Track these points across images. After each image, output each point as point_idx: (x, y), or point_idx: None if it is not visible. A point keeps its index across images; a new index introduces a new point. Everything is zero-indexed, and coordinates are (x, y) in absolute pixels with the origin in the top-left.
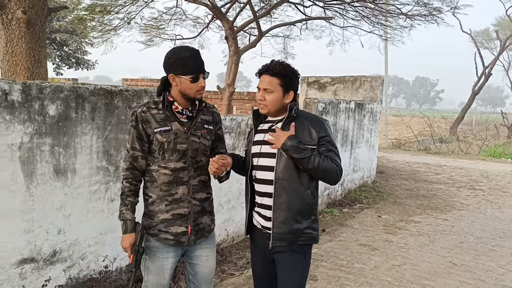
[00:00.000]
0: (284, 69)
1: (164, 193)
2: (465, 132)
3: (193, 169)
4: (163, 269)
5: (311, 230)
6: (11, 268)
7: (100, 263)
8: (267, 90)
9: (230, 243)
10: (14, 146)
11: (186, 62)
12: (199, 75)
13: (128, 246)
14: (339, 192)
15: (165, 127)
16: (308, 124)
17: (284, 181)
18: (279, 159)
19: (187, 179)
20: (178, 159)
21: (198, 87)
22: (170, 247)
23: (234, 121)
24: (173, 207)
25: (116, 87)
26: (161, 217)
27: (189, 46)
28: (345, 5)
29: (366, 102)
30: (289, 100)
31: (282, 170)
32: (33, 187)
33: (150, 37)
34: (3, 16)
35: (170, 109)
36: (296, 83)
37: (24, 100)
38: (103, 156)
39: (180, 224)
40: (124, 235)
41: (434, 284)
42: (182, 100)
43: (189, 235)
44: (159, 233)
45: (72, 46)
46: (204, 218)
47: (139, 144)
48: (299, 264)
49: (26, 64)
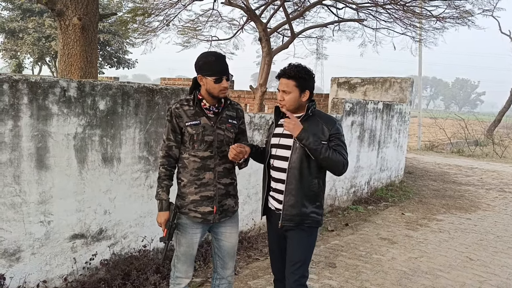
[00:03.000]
0: (298, 71)
1: (193, 177)
2: (502, 135)
3: (218, 158)
4: (193, 243)
5: (315, 215)
6: (65, 242)
7: (140, 243)
8: (285, 92)
9: (257, 232)
10: (70, 136)
11: (211, 65)
12: (222, 77)
13: (163, 222)
14: (365, 190)
15: (195, 121)
16: (322, 122)
17: (296, 170)
18: (293, 151)
19: (213, 166)
20: (206, 149)
21: (221, 87)
22: (198, 224)
23: (263, 119)
24: (201, 190)
25: (157, 85)
26: (191, 198)
27: (216, 52)
28: (377, 7)
29: (394, 103)
30: (305, 98)
31: (294, 161)
32: (84, 172)
33: (188, 38)
34: (61, 22)
35: (199, 106)
36: (311, 83)
37: (79, 96)
38: (144, 147)
39: (207, 204)
40: (159, 212)
41: (447, 275)
42: (209, 98)
43: (214, 214)
44: (189, 212)
45: (114, 46)
46: (228, 200)
47: (173, 136)
48: (304, 240)
49: (80, 65)
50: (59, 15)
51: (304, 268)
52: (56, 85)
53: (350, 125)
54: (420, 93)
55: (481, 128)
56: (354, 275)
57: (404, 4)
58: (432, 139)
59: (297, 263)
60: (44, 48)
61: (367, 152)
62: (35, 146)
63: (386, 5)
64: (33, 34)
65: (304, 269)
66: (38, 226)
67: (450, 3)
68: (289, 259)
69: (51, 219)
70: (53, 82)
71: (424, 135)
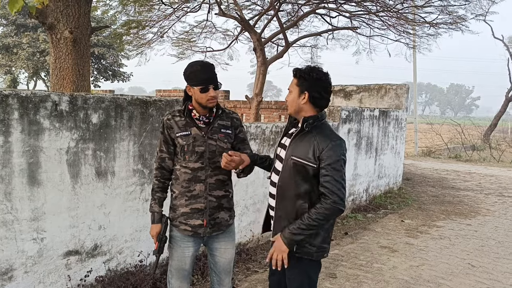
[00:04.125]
0: (302, 70)
1: (184, 189)
2: (499, 140)
3: (210, 169)
4: (184, 256)
5: (308, 245)
6: (58, 259)
7: (136, 258)
8: (289, 91)
9: (255, 244)
10: (62, 150)
11: (197, 74)
12: (208, 86)
13: (155, 234)
14: (363, 198)
15: (185, 132)
16: (315, 140)
17: (283, 190)
18: (284, 166)
19: (204, 178)
20: (197, 160)
21: (208, 96)
22: (189, 237)
23: (259, 128)
24: (191, 202)
25: (151, 97)
26: (181, 210)
27: (203, 61)
28: (371, 15)
29: (391, 110)
30: (303, 101)
31: (282, 178)
32: (77, 187)
33: (182, 50)
34: (52, 36)
35: (189, 116)
36: (312, 85)
37: (71, 110)
38: (138, 160)
39: (197, 217)
40: (152, 225)
41: (449, 283)
42: (199, 108)
43: (205, 227)
44: (180, 224)
45: (109, 60)
46: (221, 214)
47: (166, 147)
48: (295, 274)
49: (72, 78)
50: (50, 28)
51: None
52: (47, 99)
53: (347, 132)
54: (416, 99)
55: (477, 133)
56: (355, 285)
57: (397, 11)
58: (429, 144)
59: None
60: (38, 63)
61: (365, 159)
62: (27, 161)
63: (379, 13)
64: (28, 49)
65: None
66: (31, 243)
67: (443, 9)
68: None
69: (44, 236)
70: (44, 96)
71: (421, 141)
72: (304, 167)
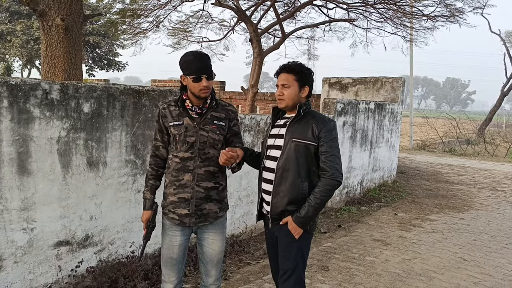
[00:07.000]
0: (298, 66)
1: (173, 178)
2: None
3: (199, 160)
4: (172, 245)
5: None
6: (49, 250)
7: (128, 249)
8: (284, 86)
9: (248, 235)
10: (53, 140)
11: (190, 64)
12: (201, 75)
13: (145, 220)
14: (358, 191)
15: (178, 122)
16: (313, 122)
17: (284, 171)
18: (283, 151)
19: (192, 168)
20: (187, 150)
21: (201, 86)
22: (177, 226)
23: (253, 120)
24: (179, 191)
25: (144, 87)
26: (170, 199)
27: (196, 51)
28: (368, 7)
29: (386, 103)
30: (304, 94)
31: (283, 161)
32: (68, 177)
33: (178, 39)
34: (44, 23)
35: (183, 106)
36: (310, 80)
37: (62, 99)
38: (131, 150)
39: (184, 206)
40: (143, 211)
41: (441, 277)
42: (193, 98)
43: (190, 217)
44: (168, 212)
45: (104, 48)
46: (209, 205)
47: (160, 136)
48: (293, 244)
49: (63, 66)
50: (41, 15)
51: (295, 277)
52: (37, 87)
53: (342, 125)
54: (412, 92)
55: (472, 127)
56: (347, 278)
57: (395, 3)
58: (424, 138)
59: (287, 272)
60: (32, 51)
61: (359, 152)
62: (16, 150)
63: (376, 5)
64: (22, 36)
65: (295, 279)
66: (21, 233)
67: (441, 2)
68: (280, 267)
69: (34, 226)
70: (35, 84)
71: (416, 135)
72: (306, 147)
